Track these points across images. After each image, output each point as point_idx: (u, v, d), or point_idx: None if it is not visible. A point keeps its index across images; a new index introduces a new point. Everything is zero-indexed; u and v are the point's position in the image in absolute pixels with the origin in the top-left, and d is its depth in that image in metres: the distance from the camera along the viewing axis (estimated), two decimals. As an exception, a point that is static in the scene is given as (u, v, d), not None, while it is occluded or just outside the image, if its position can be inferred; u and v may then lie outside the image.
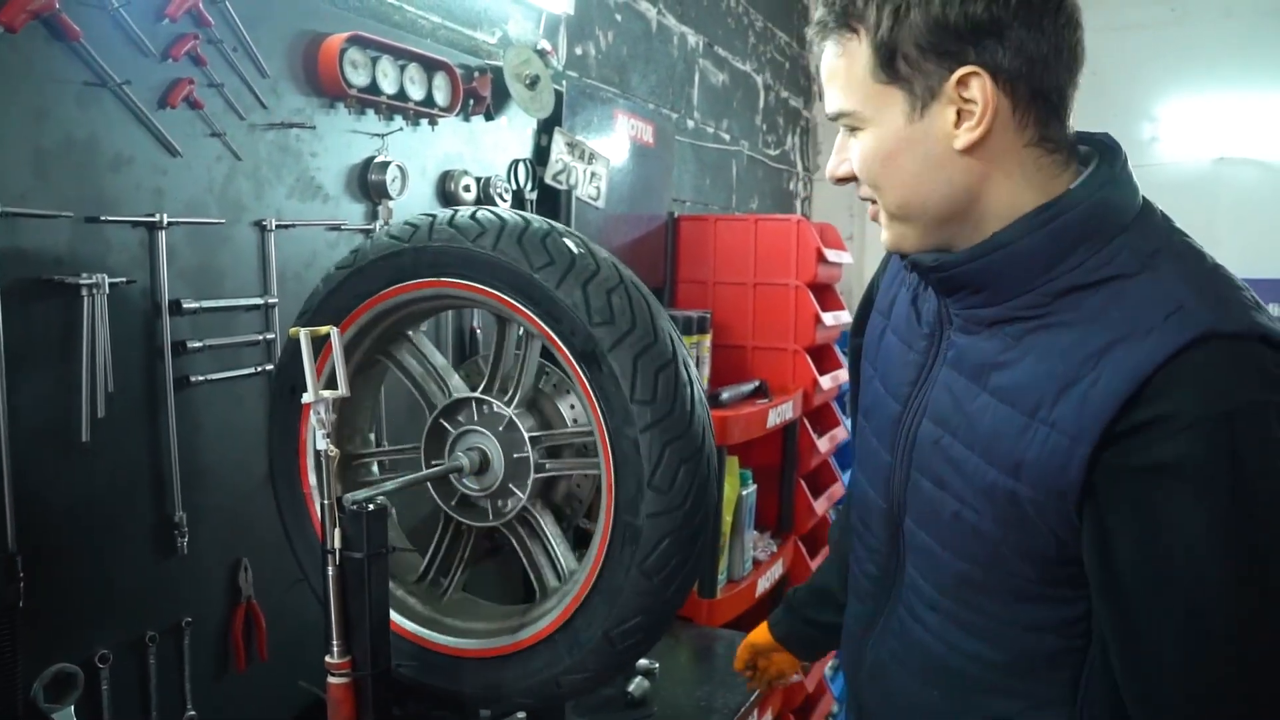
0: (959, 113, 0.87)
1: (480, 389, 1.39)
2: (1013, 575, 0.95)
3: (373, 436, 1.60)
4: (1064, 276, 0.88)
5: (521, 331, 1.35)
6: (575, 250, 1.23)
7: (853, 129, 0.93)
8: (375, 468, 1.57)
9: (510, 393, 1.37)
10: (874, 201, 0.97)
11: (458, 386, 1.44)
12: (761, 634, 1.57)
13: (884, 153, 0.91)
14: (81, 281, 1.32)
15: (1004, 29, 0.84)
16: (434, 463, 1.40)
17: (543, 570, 1.39)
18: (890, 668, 1.11)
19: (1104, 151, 0.93)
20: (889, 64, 0.87)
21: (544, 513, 1.40)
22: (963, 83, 0.86)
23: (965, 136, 0.87)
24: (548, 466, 1.35)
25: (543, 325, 1.23)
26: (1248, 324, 0.80)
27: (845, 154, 0.96)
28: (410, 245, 1.31)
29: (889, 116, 0.89)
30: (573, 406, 1.41)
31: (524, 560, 1.40)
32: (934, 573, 1.03)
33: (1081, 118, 0.94)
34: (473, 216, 1.29)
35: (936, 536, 1.02)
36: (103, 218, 1.36)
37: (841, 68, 0.91)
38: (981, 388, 0.94)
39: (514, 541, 1.42)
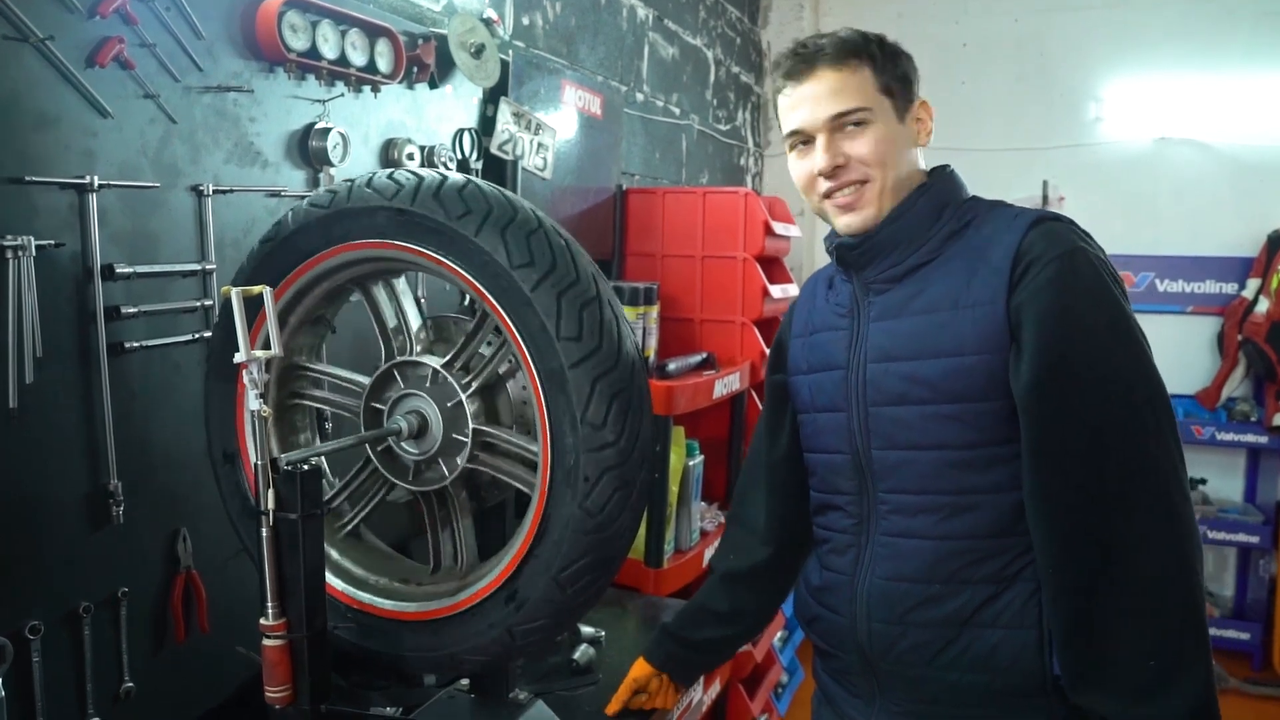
0: (918, 120, 1.35)
1: (444, 360, 1.38)
2: (977, 444, 1.22)
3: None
4: (944, 227, 1.29)
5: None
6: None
7: (859, 123, 1.28)
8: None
9: (470, 377, 1.37)
10: (863, 183, 1.29)
11: (422, 344, 1.45)
12: (639, 667, 1.61)
13: (889, 139, 1.29)
14: (5, 243, 1.29)
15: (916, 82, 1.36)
16: (372, 404, 1.42)
17: (443, 550, 1.40)
18: (889, 589, 1.30)
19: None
20: (885, 87, 1.29)
21: (462, 498, 1.42)
22: (923, 106, 1.36)
23: (923, 136, 1.35)
24: (480, 458, 1.36)
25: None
26: (1053, 215, 1.26)
27: (839, 148, 1.28)
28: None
29: (887, 117, 1.29)
30: (524, 393, 1.41)
31: (428, 532, 1.41)
32: (917, 478, 1.27)
33: (1029, 97, 1.09)
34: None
35: (910, 443, 1.27)
36: (27, 178, 1.32)
37: (853, 83, 1.28)
38: (908, 315, 1.27)
39: (425, 511, 1.43)
